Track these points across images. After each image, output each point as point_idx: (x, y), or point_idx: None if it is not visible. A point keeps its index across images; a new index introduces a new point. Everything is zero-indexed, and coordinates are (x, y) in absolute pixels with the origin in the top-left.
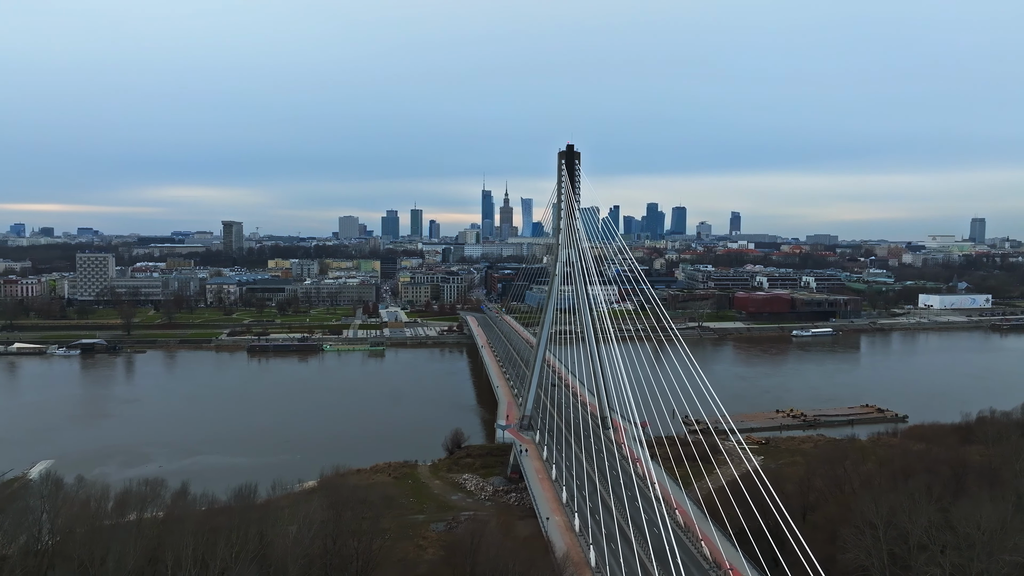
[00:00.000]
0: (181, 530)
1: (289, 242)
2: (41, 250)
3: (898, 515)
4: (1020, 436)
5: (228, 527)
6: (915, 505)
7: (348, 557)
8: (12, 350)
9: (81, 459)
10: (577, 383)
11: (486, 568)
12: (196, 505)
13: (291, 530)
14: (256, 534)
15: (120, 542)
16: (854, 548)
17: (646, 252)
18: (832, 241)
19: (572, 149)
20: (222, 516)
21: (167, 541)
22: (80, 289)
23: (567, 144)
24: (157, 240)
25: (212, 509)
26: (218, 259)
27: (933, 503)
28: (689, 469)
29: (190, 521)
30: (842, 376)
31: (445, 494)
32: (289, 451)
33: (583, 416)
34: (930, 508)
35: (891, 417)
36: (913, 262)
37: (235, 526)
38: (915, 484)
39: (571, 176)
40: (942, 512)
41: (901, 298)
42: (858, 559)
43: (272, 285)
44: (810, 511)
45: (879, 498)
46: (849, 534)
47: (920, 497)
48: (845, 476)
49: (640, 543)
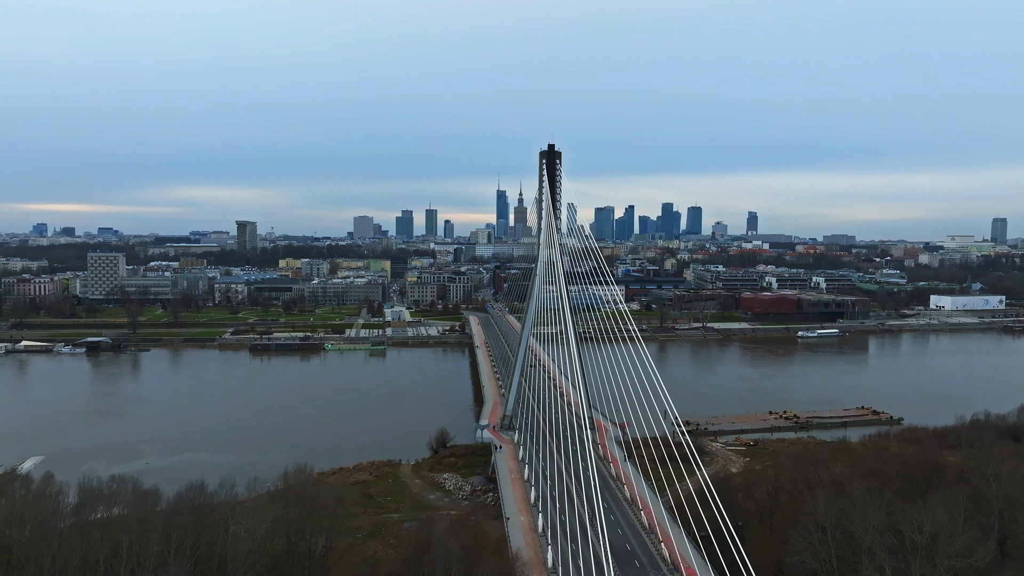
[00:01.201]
0: (127, 528)
1: (303, 242)
2: (60, 249)
3: (847, 518)
4: (995, 439)
5: (170, 525)
6: (861, 508)
7: (299, 555)
8: (20, 348)
9: (72, 455)
10: (566, 383)
11: (433, 567)
12: (160, 503)
13: (239, 529)
14: (196, 532)
15: (65, 541)
16: (800, 551)
17: (658, 252)
18: (849, 241)
19: (553, 149)
20: (183, 515)
21: (109, 539)
22: (91, 288)
23: (548, 144)
24: (174, 240)
25: (172, 507)
26: (232, 259)
27: (882, 506)
28: (671, 470)
29: (147, 520)
30: (848, 378)
31: (423, 493)
32: (278, 449)
33: (566, 416)
34: (877, 511)
35: (885, 420)
36: (930, 262)
37: (181, 524)
38: (870, 487)
39: (551, 176)
40: (888, 516)
41: (913, 299)
42: (805, 562)
43: (279, 284)
44: (779, 513)
45: (830, 501)
46: (797, 537)
47: (867, 500)
48: (817, 479)
49: (601, 544)
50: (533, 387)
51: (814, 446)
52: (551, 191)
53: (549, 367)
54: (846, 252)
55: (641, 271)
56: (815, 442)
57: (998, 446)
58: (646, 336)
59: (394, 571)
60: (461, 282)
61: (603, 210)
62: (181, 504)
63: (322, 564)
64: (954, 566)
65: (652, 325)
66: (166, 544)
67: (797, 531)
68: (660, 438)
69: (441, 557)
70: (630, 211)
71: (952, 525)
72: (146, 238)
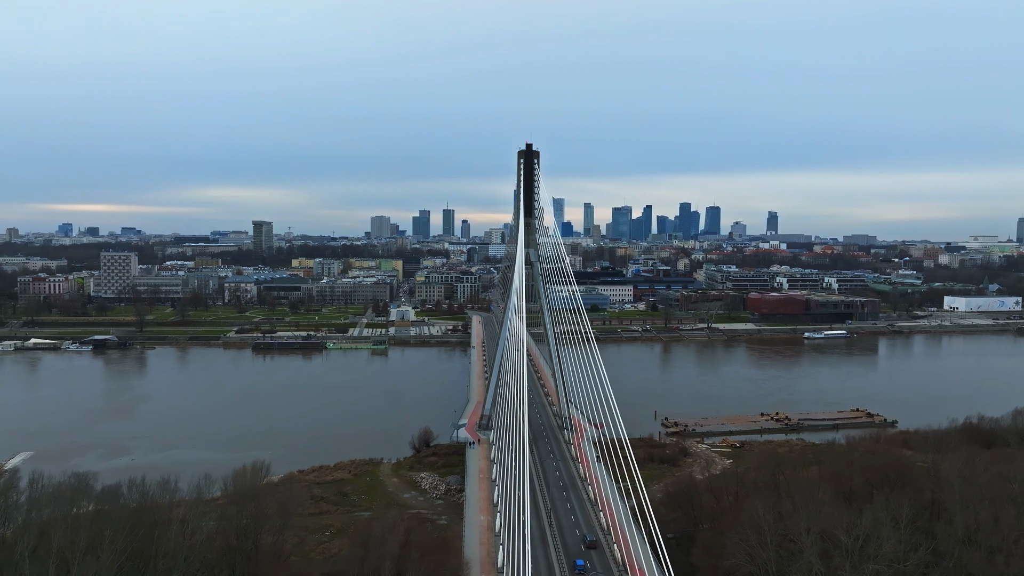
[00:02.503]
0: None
1: (320, 242)
2: (81, 249)
3: (782, 522)
4: (962, 443)
5: (102, 522)
6: (801, 511)
7: (241, 553)
8: (28, 345)
9: (62, 451)
10: (551, 382)
11: (377, 565)
12: (126, 500)
13: (179, 528)
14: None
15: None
16: (735, 554)
17: (673, 252)
18: (869, 241)
19: (531, 148)
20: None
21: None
22: (104, 287)
23: (526, 144)
24: (193, 240)
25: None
26: (248, 258)
27: (817, 510)
28: (635, 472)
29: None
30: (854, 379)
31: (399, 492)
32: (264, 447)
33: (547, 416)
34: (812, 515)
35: (879, 422)
36: (950, 263)
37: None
38: (818, 490)
39: (529, 175)
40: (820, 519)
41: (927, 300)
42: (740, 565)
43: (288, 284)
44: (729, 515)
45: (769, 504)
46: (733, 540)
47: (810, 503)
48: (780, 481)
49: (553, 546)
50: (518, 387)
51: (800, 448)
52: (528, 190)
53: (541, 367)
54: (864, 252)
55: (651, 271)
56: (802, 444)
57: (962, 450)
58: (649, 337)
59: (329, 571)
60: (469, 282)
61: (620, 210)
62: (121, 502)
63: (256, 562)
64: (880, 571)
65: (656, 326)
66: (96, 541)
67: (735, 534)
68: (640, 439)
69: (374, 557)
70: (648, 211)
71: (881, 530)
72: (166, 238)
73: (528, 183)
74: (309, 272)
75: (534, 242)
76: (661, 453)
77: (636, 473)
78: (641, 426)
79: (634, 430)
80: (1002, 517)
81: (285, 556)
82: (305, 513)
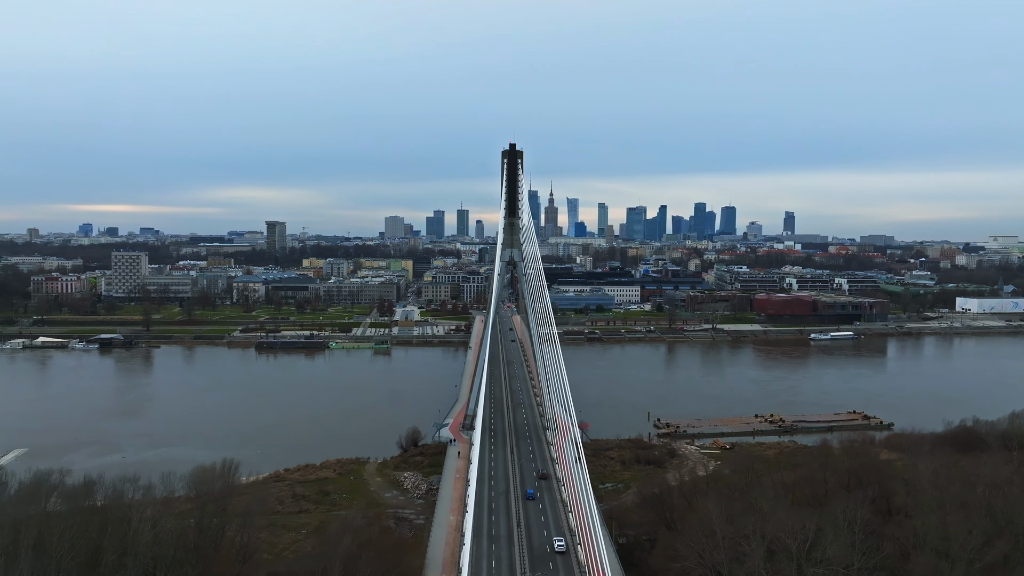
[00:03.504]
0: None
1: (333, 242)
2: (98, 249)
3: (735, 523)
4: (937, 446)
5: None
6: (754, 512)
7: (198, 550)
8: (36, 344)
9: (56, 448)
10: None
11: (326, 565)
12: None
13: (136, 526)
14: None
15: None
16: (685, 556)
17: (685, 252)
18: (887, 242)
19: (514, 148)
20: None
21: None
22: (115, 286)
23: (509, 143)
24: (209, 240)
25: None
26: (261, 258)
27: (759, 512)
28: (635, 473)
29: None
30: (860, 381)
31: (380, 491)
32: (255, 445)
33: (533, 416)
34: (754, 517)
35: (875, 425)
36: (967, 264)
37: (73, 520)
38: (766, 493)
39: (512, 175)
40: (766, 521)
41: (939, 301)
42: (689, 568)
43: (296, 284)
44: (691, 517)
45: (723, 506)
46: (684, 542)
47: (764, 504)
48: (744, 484)
49: (518, 546)
50: (506, 387)
51: (791, 451)
52: (511, 190)
53: (535, 367)
54: (880, 253)
55: (660, 271)
56: (793, 446)
57: (937, 453)
58: (653, 337)
59: (281, 570)
60: (475, 282)
61: (635, 210)
62: (89, 500)
63: (213, 560)
64: (818, 573)
65: (660, 326)
66: (46, 540)
67: (687, 537)
68: (630, 440)
69: (324, 557)
70: (663, 211)
71: (829, 534)
72: (182, 238)
73: (511, 183)
74: (319, 272)
75: (517, 242)
76: (648, 454)
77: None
78: (634, 427)
79: (627, 431)
80: (950, 522)
81: (246, 554)
82: (285, 511)
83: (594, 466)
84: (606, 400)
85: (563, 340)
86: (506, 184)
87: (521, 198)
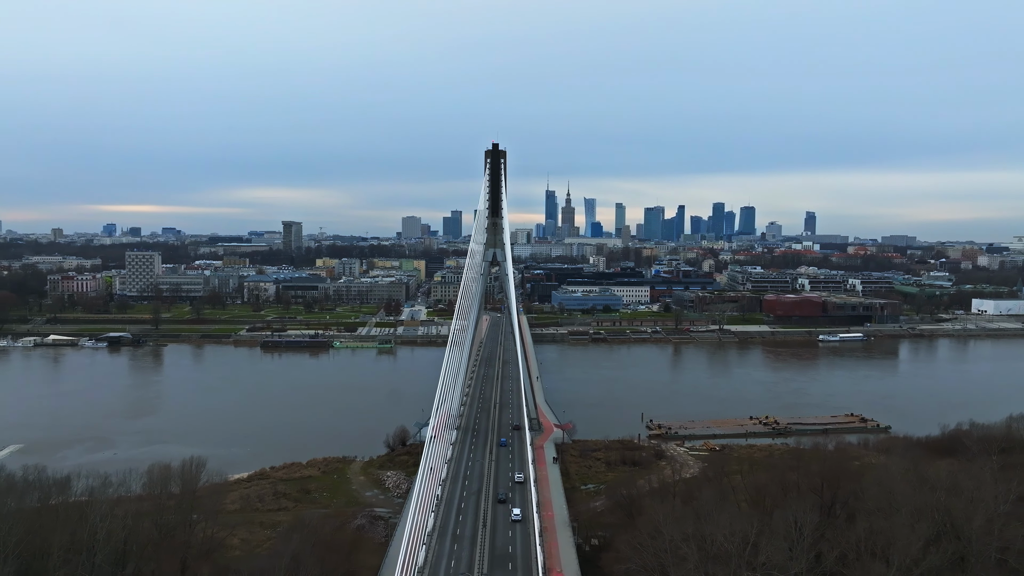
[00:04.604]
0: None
1: (350, 242)
2: (119, 249)
3: (678, 525)
4: (908, 450)
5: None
6: (708, 515)
7: (149, 547)
8: (47, 341)
9: (51, 444)
10: (538, 383)
11: (273, 563)
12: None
13: (92, 524)
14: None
15: None
16: (628, 558)
17: (700, 253)
18: (908, 242)
19: (497, 148)
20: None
21: None
22: (128, 285)
23: (492, 143)
24: (228, 239)
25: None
26: (277, 258)
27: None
28: (619, 474)
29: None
30: (870, 383)
31: (362, 490)
32: (246, 444)
33: (521, 417)
34: (695, 519)
35: (872, 428)
36: (989, 264)
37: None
38: (712, 496)
39: (495, 175)
40: (700, 523)
41: (955, 302)
42: (631, 570)
43: (306, 283)
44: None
45: (673, 508)
46: (627, 544)
47: (711, 507)
48: (730, 487)
49: (481, 546)
50: (497, 387)
51: (781, 453)
52: (494, 190)
53: (531, 366)
54: (900, 254)
55: (671, 272)
56: (784, 448)
57: (908, 456)
58: (659, 338)
59: (224, 567)
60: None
61: (652, 210)
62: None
63: (167, 557)
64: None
65: (666, 327)
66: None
67: (634, 538)
68: (618, 441)
69: (272, 556)
70: (681, 211)
71: (762, 536)
72: (200, 238)
73: (494, 183)
74: (331, 272)
75: (500, 242)
76: (635, 456)
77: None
78: (630, 428)
79: (621, 432)
80: (893, 527)
81: (204, 551)
82: (264, 509)
83: (579, 467)
84: (607, 400)
85: (568, 340)
86: (489, 184)
87: (504, 198)
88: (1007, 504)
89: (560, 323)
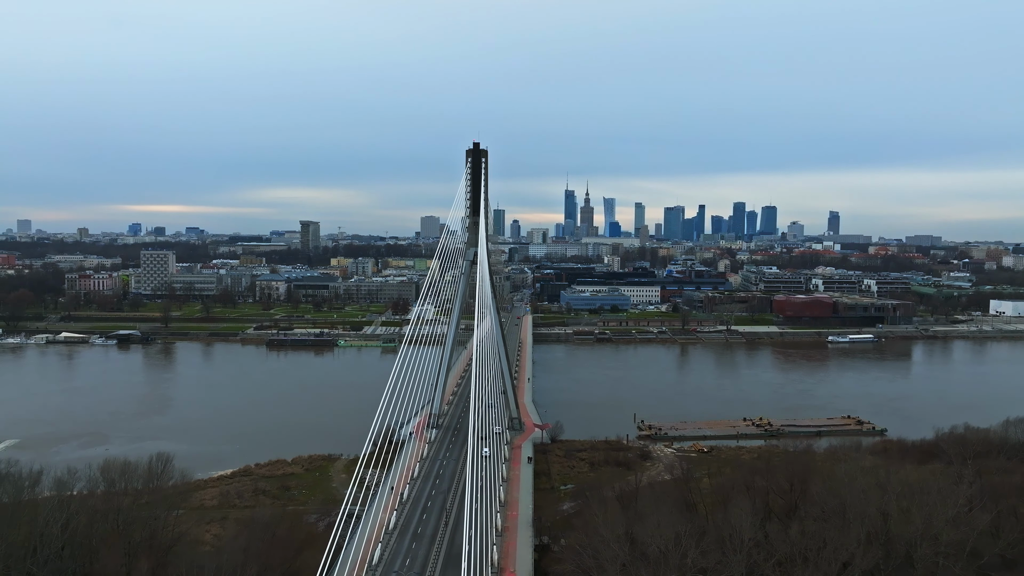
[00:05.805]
0: None
1: (368, 241)
2: (141, 248)
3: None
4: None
5: None
6: (608, 518)
7: (106, 544)
8: (59, 339)
9: (47, 439)
10: (528, 383)
11: (225, 556)
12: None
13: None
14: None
15: None
16: (566, 559)
17: (717, 252)
18: (932, 242)
19: (479, 147)
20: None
21: None
22: (143, 284)
23: (473, 143)
24: (249, 239)
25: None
26: (294, 257)
27: (635, 515)
28: (602, 475)
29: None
30: (880, 385)
31: (341, 487)
32: (235, 440)
33: (499, 416)
34: (622, 522)
35: (867, 430)
36: (1014, 265)
37: None
38: (662, 499)
39: (476, 175)
40: (631, 525)
41: (973, 304)
42: (567, 571)
43: (317, 283)
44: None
45: (616, 510)
46: (566, 545)
47: (650, 510)
48: (698, 489)
49: (438, 545)
50: (479, 386)
51: (769, 455)
52: (475, 189)
53: (524, 367)
54: (923, 254)
55: (684, 272)
56: (776, 450)
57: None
58: (665, 339)
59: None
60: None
61: (672, 210)
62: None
63: (127, 552)
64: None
65: (673, 328)
66: None
67: (576, 540)
68: (605, 441)
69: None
70: (701, 210)
71: (688, 539)
72: (220, 237)
73: (475, 182)
74: (344, 271)
75: (481, 241)
76: (620, 456)
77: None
78: (622, 428)
79: (610, 431)
80: (827, 531)
81: (162, 546)
82: (241, 505)
83: (562, 467)
84: (608, 400)
85: (573, 340)
86: (470, 183)
87: (486, 198)
88: (955, 509)
89: (567, 323)
